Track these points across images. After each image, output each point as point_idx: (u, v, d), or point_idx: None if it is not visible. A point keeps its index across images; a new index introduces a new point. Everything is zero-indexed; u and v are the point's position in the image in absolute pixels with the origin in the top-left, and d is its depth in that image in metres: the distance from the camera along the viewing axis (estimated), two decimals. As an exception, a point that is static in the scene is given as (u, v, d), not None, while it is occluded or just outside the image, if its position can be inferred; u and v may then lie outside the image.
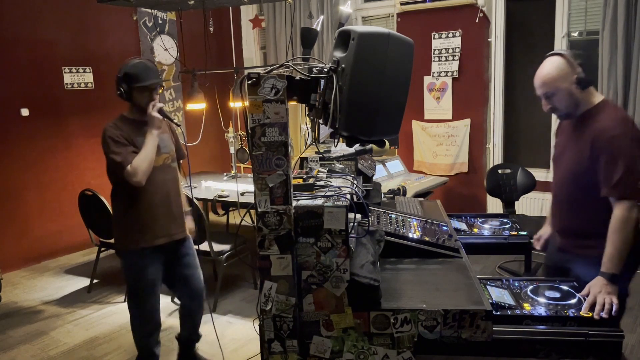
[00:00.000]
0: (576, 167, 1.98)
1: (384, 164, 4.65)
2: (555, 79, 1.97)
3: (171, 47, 6.01)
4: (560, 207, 2.12)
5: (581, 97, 1.96)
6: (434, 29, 5.13)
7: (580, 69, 1.93)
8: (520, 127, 5.05)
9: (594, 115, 1.95)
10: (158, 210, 2.57)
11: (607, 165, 1.85)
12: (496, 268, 4.31)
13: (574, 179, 2.00)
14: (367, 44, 1.45)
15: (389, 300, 1.65)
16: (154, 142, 2.49)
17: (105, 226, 3.98)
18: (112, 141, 2.43)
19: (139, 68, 2.46)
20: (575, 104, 1.99)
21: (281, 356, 1.66)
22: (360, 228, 1.84)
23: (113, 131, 2.45)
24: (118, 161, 2.40)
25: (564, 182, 2.07)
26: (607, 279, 1.79)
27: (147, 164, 2.44)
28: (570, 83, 1.95)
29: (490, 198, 4.96)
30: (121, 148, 2.42)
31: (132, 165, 2.39)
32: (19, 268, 4.82)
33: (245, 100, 1.53)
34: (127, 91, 2.46)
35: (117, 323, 3.64)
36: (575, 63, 1.94)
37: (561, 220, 2.13)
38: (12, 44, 4.65)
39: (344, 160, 2.20)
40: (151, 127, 2.49)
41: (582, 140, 1.96)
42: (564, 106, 2.00)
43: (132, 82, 2.44)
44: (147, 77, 2.46)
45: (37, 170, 4.90)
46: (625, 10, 4.03)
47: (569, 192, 2.04)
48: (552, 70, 1.98)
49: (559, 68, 1.96)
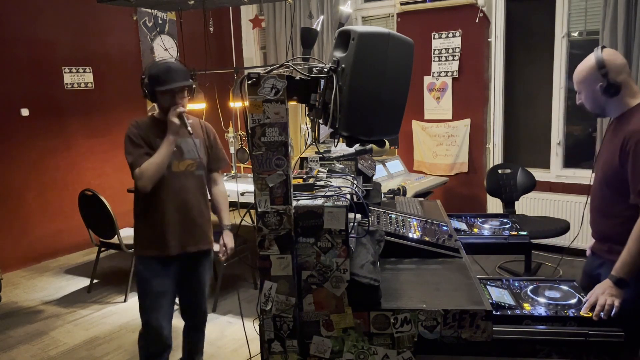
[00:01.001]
0: (608, 171, 1.91)
1: (384, 164, 4.65)
2: (582, 80, 1.94)
3: (171, 47, 6.01)
4: (595, 212, 2.05)
5: (609, 102, 1.90)
6: (434, 29, 5.14)
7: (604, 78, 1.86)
8: (520, 127, 5.06)
9: (630, 117, 1.87)
10: (171, 218, 2.43)
11: (634, 169, 1.78)
12: (496, 268, 4.31)
13: (606, 183, 1.93)
14: (367, 44, 1.45)
15: (389, 300, 1.65)
16: (168, 147, 2.35)
17: (105, 226, 3.98)
18: (129, 140, 2.37)
19: (161, 70, 2.35)
20: (600, 107, 1.94)
21: (281, 356, 1.65)
22: (360, 228, 1.84)
23: (132, 130, 2.39)
24: (129, 162, 2.35)
25: (598, 185, 2.00)
26: (613, 282, 1.75)
27: (155, 168, 2.31)
28: (594, 87, 1.90)
29: (490, 198, 4.96)
30: (135, 149, 2.35)
31: (140, 168, 2.31)
32: (19, 268, 4.82)
33: (245, 100, 1.53)
34: (151, 93, 2.37)
35: (117, 323, 3.64)
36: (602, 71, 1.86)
37: (595, 224, 2.06)
38: (12, 44, 4.65)
39: (344, 160, 2.20)
40: (169, 132, 2.35)
41: (615, 142, 1.88)
42: (589, 106, 1.97)
43: (154, 85, 2.35)
44: (168, 79, 2.34)
45: (37, 170, 4.90)
46: (625, 10, 4.04)
47: (602, 196, 1.98)
48: (581, 70, 1.94)
49: (586, 70, 1.92)
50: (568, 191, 4.62)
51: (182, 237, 2.46)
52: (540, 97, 4.83)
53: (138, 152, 2.34)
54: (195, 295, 2.64)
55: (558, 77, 4.63)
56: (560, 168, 4.75)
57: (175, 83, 2.36)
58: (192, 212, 2.48)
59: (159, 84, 2.34)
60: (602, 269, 1.94)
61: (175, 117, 2.34)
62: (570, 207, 4.56)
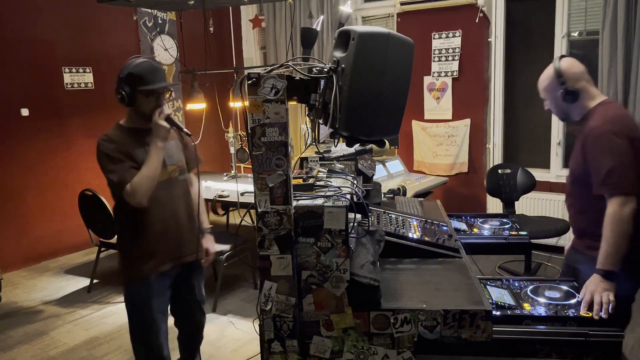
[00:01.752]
0: (576, 170, 2.04)
1: (384, 164, 4.65)
2: (544, 88, 2.10)
3: (171, 47, 6.01)
4: (569, 209, 2.18)
5: (571, 107, 2.05)
6: (434, 29, 5.14)
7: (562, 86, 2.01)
8: (520, 127, 5.06)
9: (588, 118, 2.01)
10: (164, 232, 2.23)
11: (594, 163, 1.90)
12: (496, 268, 4.31)
13: (577, 181, 2.06)
14: (367, 44, 1.45)
15: (389, 300, 1.65)
16: (158, 155, 2.13)
17: (105, 226, 3.99)
18: (106, 158, 2.10)
19: (145, 68, 2.12)
20: (564, 112, 2.10)
21: (281, 356, 1.65)
22: (360, 228, 1.84)
23: (107, 145, 2.12)
24: (116, 180, 2.08)
25: (570, 184, 2.13)
26: (601, 275, 1.79)
27: (149, 182, 2.10)
28: (555, 95, 2.06)
29: (490, 198, 4.96)
30: (117, 165, 2.09)
31: (132, 185, 2.06)
32: (19, 268, 4.83)
33: (245, 100, 1.53)
34: (130, 95, 2.11)
35: (117, 323, 3.64)
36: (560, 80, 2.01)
37: (572, 221, 2.18)
38: (12, 44, 4.65)
39: (344, 160, 2.20)
40: (156, 138, 2.13)
41: (578, 142, 2.02)
42: (554, 111, 2.14)
43: (137, 85, 2.10)
44: (154, 79, 2.13)
45: (37, 171, 4.90)
46: (625, 10, 4.03)
47: (575, 194, 2.10)
48: (543, 80, 2.11)
49: (547, 80, 2.08)
50: (568, 191, 4.62)
51: (175, 249, 2.29)
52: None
53: (122, 168, 2.09)
54: (191, 307, 2.47)
55: (558, 77, 4.63)
56: (560, 168, 4.75)
57: (161, 83, 2.16)
58: (182, 221, 2.30)
59: (144, 83, 2.11)
60: (582, 264, 2.04)
61: (163, 120, 2.14)
62: (570, 207, 4.56)
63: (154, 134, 2.15)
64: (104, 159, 2.11)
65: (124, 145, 2.14)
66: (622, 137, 1.86)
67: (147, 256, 2.21)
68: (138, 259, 2.22)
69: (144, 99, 2.14)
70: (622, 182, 1.83)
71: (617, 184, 1.83)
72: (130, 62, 2.14)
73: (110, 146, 2.11)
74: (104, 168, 2.12)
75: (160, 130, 2.14)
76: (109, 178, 2.11)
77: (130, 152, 2.13)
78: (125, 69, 2.12)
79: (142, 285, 2.23)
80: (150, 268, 2.21)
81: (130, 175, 2.08)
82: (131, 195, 2.07)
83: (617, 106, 2.02)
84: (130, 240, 2.25)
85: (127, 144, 2.15)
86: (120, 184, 2.07)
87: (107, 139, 2.14)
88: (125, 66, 2.13)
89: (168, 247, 2.25)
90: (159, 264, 2.23)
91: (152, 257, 2.21)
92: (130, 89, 2.11)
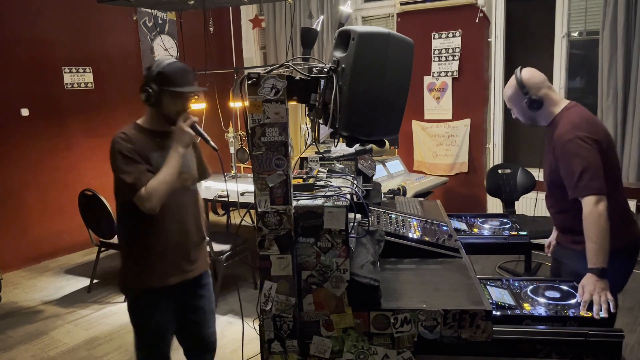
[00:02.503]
0: (550, 173, 2.13)
1: (384, 164, 4.65)
2: (510, 98, 2.19)
3: (171, 47, 6.01)
4: (551, 209, 2.26)
5: (537, 114, 2.14)
6: (434, 29, 5.14)
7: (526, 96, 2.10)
8: (520, 127, 5.04)
9: (556, 124, 2.09)
10: (171, 243, 2.10)
11: (565, 169, 2.00)
12: (496, 268, 4.31)
13: (552, 183, 2.14)
14: (367, 44, 1.45)
15: (389, 300, 1.65)
16: (178, 161, 2.03)
17: (105, 226, 3.99)
18: (122, 157, 1.99)
19: (176, 69, 2.02)
20: (531, 119, 2.18)
21: (281, 356, 1.65)
22: (360, 228, 1.84)
23: (124, 144, 1.99)
24: (129, 182, 1.96)
25: (548, 186, 2.22)
26: (596, 274, 1.82)
27: (166, 187, 1.99)
28: (521, 104, 2.14)
29: (490, 198, 4.96)
30: (133, 166, 1.98)
31: (147, 189, 1.95)
32: (19, 268, 4.83)
33: (245, 100, 1.53)
34: (157, 95, 2.00)
35: (117, 323, 3.64)
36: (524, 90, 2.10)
37: (554, 219, 2.27)
38: (12, 44, 4.65)
39: (344, 160, 2.20)
40: (178, 144, 2.03)
41: (549, 147, 2.12)
42: (522, 119, 2.22)
43: (166, 85, 1.99)
44: (184, 81, 2.03)
45: (37, 170, 4.90)
46: (625, 10, 4.04)
47: (554, 196, 2.19)
48: (506, 91, 2.19)
49: (511, 90, 2.16)
50: (568, 191, 4.62)
51: (183, 262, 2.16)
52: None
53: (138, 170, 1.98)
54: (201, 327, 2.30)
55: (558, 77, 4.63)
56: (560, 168, 4.74)
57: (193, 87, 2.07)
58: (192, 232, 2.19)
59: (174, 84, 2.00)
60: (569, 258, 2.15)
61: (188, 126, 2.05)
62: (570, 207, 4.56)
63: (176, 139, 2.04)
64: (118, 158, 1.99)
65: (142, 146, 2.03)
66: (589, 141, 1.96)
67: (153, 266, 2.08)
68: (145, 269, 2.09)
69: (171, 101, 2.03)
70: (592, 184, 1.91)
71: (587, 185, 1.92)
72: (160, 60, 2.03)
73: (128, 145, 2.00)
74: (118, 167, 2.00)
75: (184, 136, 2.05)
76: (121, 178, 1.98)
77: (148, 155, 2.03)
78: (156, 67, 2.01)
79: (148, 298, 2.11)
80: (155, 279, 2.09)
81: (146, 179, 1.97)
82: (145, 200, 1.95)
83: (580, 110, 2.10)
84: (137, 249, 2.11)
85: (145, 146, 2.04)
86: (135, 187, 1.96)
87: (125, 138, 2.01)
88: (155, 64, 2.03)
89: (174, 260, 2.12)
90: (164, 276, 2.10)
91: (159, 268, 2.09)
92: (159, 88, 2.00)
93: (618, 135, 4.24)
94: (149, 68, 2.02)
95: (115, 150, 2.01)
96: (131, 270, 2.13)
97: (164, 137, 2.09)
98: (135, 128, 2.08)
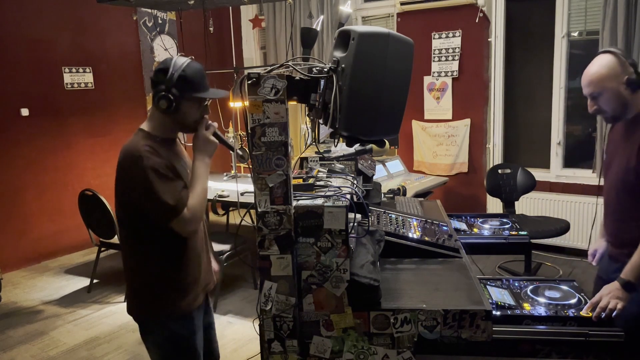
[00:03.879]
0: (624, 174, 1.88)
1: (384, 164, 4.65)
2: (604, 78, 1.84)
3: (171, 47, 6.01)
4: (612, 217, 2.01)
5: (631, 99, 1.84)
6: (434, 29, 5.14)
7: (632, 69, 1.82)
8: (520, 127, 5.06)
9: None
10: (199, 261, 1.92)
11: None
12: (496, 268, 4.31)
13: (623, 187, 1.90)
14: (367, 44, 1.45)
15: (389, 300, 1.65)
16: (207, 172, 1.84)
17: (105, 226, 3.99)
18: (157, 176, 1.69)
19: (197, 71, 1.78)
20: (623, 106, 1.86)
21: (281, 356, 1.65)
22: (360, 228, 1.84)
23: (155, 160, 1.70)
24: (171, 204, 1.69)
25: (614, 190, 1.96)
26: (621, 284, 1.73)
27: (204, 204, 1.81)
28: (619, 83, 1.83)
29: (490, 198, 4.96)
30: (170, 184, 1.72)
31: (190, 209, 1.73)
32: (19, 268, 4.83)
33: (245, 100, 1.53)
34: (178, 100, 1.74)
35: (117, 323, 3.64)
36: (627, 62, 1.82)
37: (612, 229, 2.02)
38: (12, 44, 4.65)
39: (344, 160, 2.20)
40: (204, 154, 1.83)
41: (630, 145, 1.86)
42: (611, 108, 1.88)
43: (189, 91, 1.75)
44: (206, 85, 1.82)
45: (37, 170, 4.90)
46: (625, 10, 4.03)
47: (619, 201, 1.94)
48: (601, 69, 1.85)
49: (609, 67, 1.84)
50: (568, 191, 4.62)
51: (204, 278, 1.98)
52: (540, 97, 4.83)
53: (176, 188, 1.73)
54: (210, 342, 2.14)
55: (558, 77, 4.63)
56: (560, 168, 4.75)
57: (217, 91, 1.87)
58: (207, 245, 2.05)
59: (197, 90, 1.77)
60: None
61: (211, 134, 1.85)
62: (570, 207, 4.56)
63: (201, 149, 1.83)
64: (152, 176, 1.68)
65: (169, 159, 1.77)
66: None
67: (186, 289, 1.88)
68: (177, 294, 1.86)
69: (191, 108, 1.79)
70: None
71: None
72: (178, 61, 1.75)
73: (158, 160, 1.71)
74: (152, 188, 1.68)
75: (209, 146, 1.84)
76: (161, 201, 1.68)
77: (177, 169, 1.79)
78: (176, 69, 1.73)
79: (185, 322, 1.89)
80: (189, 302, 1.88)
81: (186, 198, 1.74)
82: (188, 222, 1.73)
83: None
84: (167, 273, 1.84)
85: (170, 158, 1.79)
86: (178, 209, 1.71)
87: (151, 151, 1.72)
88: (172, 66, 1.74)
89: (202, 277, 1.96)
90: (196, 296, 1.92)
91: (192, 290, 1.89)
92: (180, 94, 1.73)
93: (618, 135, 4.24)
94: (164, 70, 1.73)
95: (143, 166, 1.68)
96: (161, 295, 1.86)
97: (175, 144, 1.91)
98: (149, 138, 1.78)
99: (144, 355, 3.18)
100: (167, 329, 1.87)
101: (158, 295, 1.86)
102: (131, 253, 1.89)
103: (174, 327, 1.87)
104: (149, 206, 1.72)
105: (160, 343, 1.91)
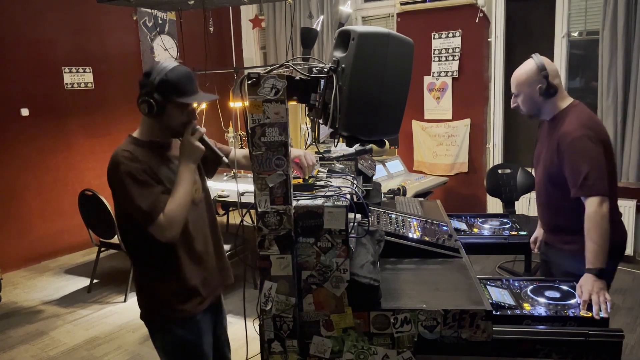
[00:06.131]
0: (549, 169, 2.10)
1: (384, 164, 4.65)
2: (522, 82, 2.10)
3: (171, 47, 6.01)
4: (542, 206, 2.25)
5: (545, 104, 2.09)
6: (434, 29, 5.14)
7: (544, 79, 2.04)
8: (520, 127, 5.06)
9: (561, 119, 2.07)
10: (201, 263, 1.89)
11: (571, 167, 1.98)
12: (496, 268, 4.31)
13: (549, 180, 2.12)
14: (367, 43, 1.45)
15: (389, 300, 1.65)
16: (191, 178, 1.79)
17: (105, 226, 3.98)
18: (132, 180, 1.69)
19: (182, 75, 1.74)
20: (537, 109, 2.13)
21: (281, 356, 1.65)
22: (360, 228, 1.84)
23: (131, 165, 1.70)
24: (145, 209, 1.67)
25: (542, 183, 2.19)
26: (595, 274, 1.82)
27: (184, 210, 1.75)
28: (533, 90, 2.08)
29: (490, 198, 4.96)
30: (146, 189, 1.70)
31: (166, 215, 1.69)
32: (19, 268, 4.83)
33: (245, 100, 1.53)
34: (161, 105, 1.72)
35: (117, 323, 3.64)
36: (542, 73, 2.04)
37: (544, 218, 2.26)
38: (12, 44, 4.65)
39: (344, 160, 2.20)
40: (188, 160, 1.78)
41: (551, 143, 2.08)
42: (526, 108, 2.15)
43: (172, 95, 1.71)
44: (192, 90, 1.77)
45: (37, 170, 4.90)
46: (625, 10, 4.04)
47: (547, 192, 2.18)
48: (522, 74, 2.10)
49: (527, 74, 2.08)
50: (568, 191, 4.62)
51: (212, 281, 1.97)
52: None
53: (153, 193, 1.71)
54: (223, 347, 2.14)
55: (558, 77, 4.63)
56: (560, 168, 4.75)
57: (201, 95, 1.82)
58: (214, 246, 2.01)
59: (180, 94, 1.73)
60: (559, 259, 2.17)
61: (197, 140, 1.80)
62: (570, 207, 4.56)
63: (186, 155, 1.79)
64: (128, 182, 1.68)
65: (149, 164, 1.75)
66: (597, 142, 1.96)
67: (189, 293, 1.86)
68: (178, 297, 1.84)
69: (177, 112, 1.76)
70: (598, 185, 1.91)
71: (593, 186, 1.92)
72: (161, 65, 1.75)
73: (135, 165, 1.70)
74: (127, 193, 1.69)
75: (195, 152, 1.79)
76: (135, 206, 1.68)
77: (157, 173, 1.76)
78: (157, 74, 1.72)
79: (190, 326, 1.88)
80: (195, 306, 1.87)
81: (163, 203, 1.71)
82: (165, 229, 1.70)
83: (587, 110, 2.09)
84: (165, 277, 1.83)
85: (151, 162, 1.77)
86: (152, 215, 1.68)
87: (129, 156, 1.72)
88: (155, 70, 1.74)
89: (205, 281, 1.92)
90: (200, 301, 1.89)
91: (195, 293, 1.87)
92: (162, 99, 1.71)
93: (618, 135, 4.24)
94: (148, 74, 1.74)
95: (120, 172, 1.70)
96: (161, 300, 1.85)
97: (166, 148, 1.87)
98: (134, 143, 1.79)
99: (144, 355, 3.19)
100: (172, 333, 1.87)
101: (159, 300, 1.86)
102: (132, 257, 1.93)
103: (179, 332, 1.87)
104: (129, 211, 1.73)
105: (166, 347, 1.91)
